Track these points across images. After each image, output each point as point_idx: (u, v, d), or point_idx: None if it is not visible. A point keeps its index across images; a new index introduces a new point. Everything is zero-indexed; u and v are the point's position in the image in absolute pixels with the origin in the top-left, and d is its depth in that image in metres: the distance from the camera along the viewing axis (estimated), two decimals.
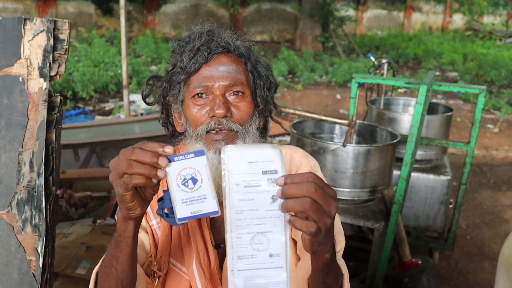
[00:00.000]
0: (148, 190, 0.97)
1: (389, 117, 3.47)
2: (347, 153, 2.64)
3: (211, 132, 1.20)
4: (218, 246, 1.27)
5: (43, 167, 1.47)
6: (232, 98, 1.22)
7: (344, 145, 2.62)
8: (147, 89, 1.35)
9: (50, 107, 1.51)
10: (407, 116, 3.42)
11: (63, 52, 1.53)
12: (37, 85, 1.50)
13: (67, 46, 1.54)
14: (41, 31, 1.51)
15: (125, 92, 5.72)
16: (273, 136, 5.76)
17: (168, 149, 0.90)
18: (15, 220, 1.46)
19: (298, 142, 2.79)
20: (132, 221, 1.01)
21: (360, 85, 3.09)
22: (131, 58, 9.60)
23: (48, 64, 1.50)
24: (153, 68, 9.89)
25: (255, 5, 15.19)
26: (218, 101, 1.19)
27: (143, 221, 1.25)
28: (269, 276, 0.88)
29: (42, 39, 1.51)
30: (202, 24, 1.30)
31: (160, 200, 1.01)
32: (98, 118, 6.75)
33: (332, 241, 0.96)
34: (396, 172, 3.07)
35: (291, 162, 1.34)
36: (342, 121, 2.74)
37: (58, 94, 1.55)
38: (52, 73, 1.52)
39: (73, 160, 4.60)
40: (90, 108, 7.56)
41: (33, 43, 1.51)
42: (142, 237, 1.25)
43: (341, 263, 1.17)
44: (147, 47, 11.07)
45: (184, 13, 14.51)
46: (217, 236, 1.29)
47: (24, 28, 1.51)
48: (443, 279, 3.40)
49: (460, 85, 3.13)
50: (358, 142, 3.06)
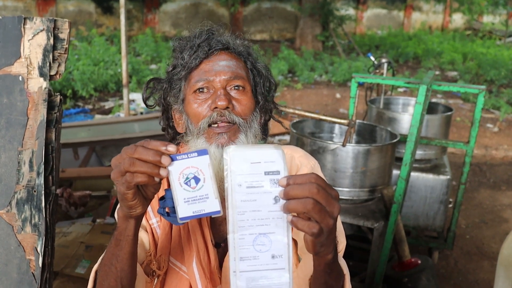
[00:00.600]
0: (150, 189, 0.97)
1: (389, 117, 3.47)
2: (346, 153, 2.65)
3: (213, 125, 1.20)
4: (218, 245, 1.27)
5: (43, 166, 1.47)
6: (233, 93, 1.23)
7: (343, 145, 2.62)
8: (147, 92, 1.35)
9: (50, 106, 1.51)
10: (406, 116, 3.42)
11: (63, 51, 1.53)
12: (37, 84, 1.50)
13: (67, 46, 1.54)
14: (41, 30, 1.51)
15: (125, 91, 5.71)
16: (273, 135, 5.76)
17: (171, 148, 0.90)
18: (15, 219, 1.46)
19: (298, 141, 2.79)
20: (133, 220, 1.01)
21: (360, 85, 3.09)
22: (131, 57, 9.60)
23: (48, 64, 1.50)
24: (153, 67, 9.88)
25: (255, 4, 15.18)
26: (220, 93, 1.19)
27: (143, 220, 1.25)
28: (271, 277, 0.87)
29: (42, 38, 1.51)
30: (202, 25, 1.31)
31: (162, 199, 1.01)
32: (98, 117, 6.75)
33: (334, 242, 0.96)
34: (395, 172, 3.07)
35: (291, 162, 1.34)
36: (342, 121, 2.74)
37: (58, 94, 1.55)
38: (52, 73, 1.52)
39: (73, 159, 4.59)
40: (90, 107, 7.56)
41: (33, 42, 1.51)
42: (142, 236, 1.25)
43: (342, 263, 1.17)
44: (147, 46, 11.07)
45: (184, 11, 14.50)
46: (217, 235, 1.29)
47: (24, 27, 1.51)
48: (442, 278, 3.40)
49: (460, 84, 3.13)
50: (357, 142, 3.06)
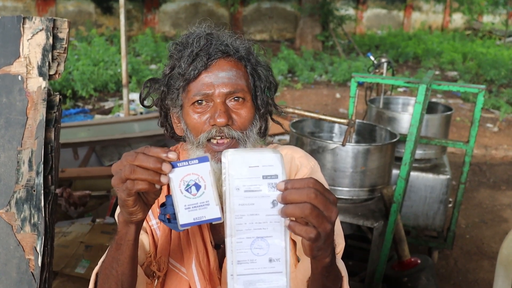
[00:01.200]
0: (150, 195, 0.96)
1: (389, 116, 3.47)
2: (346, 152, 2.64)
3: (211, 141, 1.19)
4: (217, 247, 1.27)
5: (42, 166, 1.47)
6: (232, 104, 1.20)
7: (343, 144, 2.62)
8: (145, 92, 1.32)
9: (49, 106, 1.51)
10: (406, 115, 3.42)
11: (62, 51, 1.53)
12: (36, 84, 1.50)
13: (66, 45, 1.54)
14: (40, 30, 1.51)
15: (124, 91, 5.72)
16: (273, 135, 5.76)
17: (172, 155, 0.89)
18: (14, 219, 1.46)
19: (298, 141, 2.79)
20: (133, 225, 1.01)
21: (360, 84, 3.09)
22: (131, 57, 9.61)
23: (47, 63, 1.50)
24: (152, 67, 9.88)
25: (255, 4, 15.18)
26: (219, 110, 1.17)
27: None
28: (269, 281, 0.87)
29: (41, 38, 1.51)
30: (200, 25, 1.27)
31: (163, 205, 1.01)
32: (98, 117, 6.75)
33: (332, 246, 0.95)
34: (395, 171, 3.07)
35: (291, 162, 1.33)
36: (342, 120, 2.73)
37: (57, 93, 1.55)
38: (51, 72, 1.52)
39: (73, 159, 4.59)
40: (90, 107, 7.56)
41: (32, 42, 1.51)
42: (142, 237, 1.25)
43: (341, 265, 1.16)
44: (147, 46, 11.07)
45: (184, 11, 14.50)
46: (217, 236, 1.29)
47: (23, 27, 1.51)
48: (442, 278, 3.40)
49: (459, 84, 3.13)
50: (357, 141, 3.06)
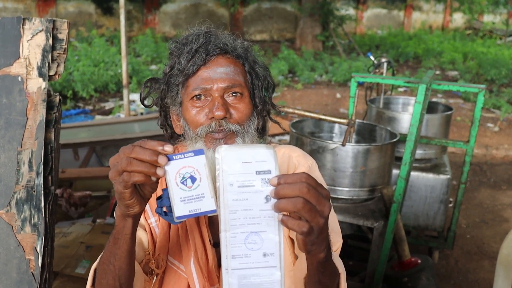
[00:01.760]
0: (147, 188, 0.98)
1: (389, 116, 3.47)
2: (346, 152, 2.65)
3: (211, 132, 1.21)
4: (216, 245, 1.28)
5: (42, 166, 1.47)
6: (230, 99, 1.23)
7: (343, 144, 2.62)
8: (145, 92, 1.36)
9: (49, 106, 1.52)
10: (406, 115, 3.42)
11: (62, 51, 1.54)
12: (36, 84, 1.50)
13: (66, 46, 1.54)
14: (40, 31, 1.51)
15: (125, 91, 5.72)
16: (273, 135, 5.76)
17: (168, 148, 0.91)
18: (14, 219, 1.46)
19: (298, 141, 2.79)
20: (130, 219, 1.02)
21: (360, 84, 3.09)
22: (131, 57, 9.61)
23: (47, 64, 1.50)
24: (153, 67, 9.89)
25: (255, 4, 15.18)
26: (217, 103, 1.19)
27: (141, 219, 1.26)
28: (263, 275, 0.89)
29: (41, 39, 1.51)
30: (199, 25, 1.30)
31: (159, 198, 1.02)
32: (98, 117, 6.76)
33: (327, 241, 0.96)
34: (395, 171, 3.07)
35: (289, 161, 1.34)
36: (341, 120, 2.74)
37: (57, 94, 1.56)
38: (51, 73, 1.52)
39: (73, 159, 4.60)
40: (90, 107, 7.57)
41: (32, 42, 1.51)
42: (141, 235, 1.26)
43: (338, 262, 1.17)
44: (147, 46, 11.07)
45: (184, 12, 14.51)
46: (215, 234, 1.29)
47: (23, 28, 1.51)
48: (442, 278, 3.40)
49: (459, 84, 3.13)
50: (357, 141, 3.06)
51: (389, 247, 2.83)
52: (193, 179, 0.93)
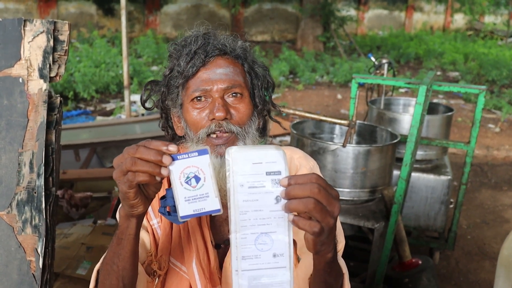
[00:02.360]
0: (151, 188, 0.98)
1: (389, 117, 3.47)
2: (347, 153, 2.65)
3: (211, 136, 1.21)
4: (218, 246, 1.28)
5: (43, 168, 1.48)
6: (230, 100, 1.23)
7: (344, 146, 2.63)
8: (146, 94, 1.36)
9: (50, 108, 1.52)
10: (407, 116, 3.42)
11: (63, 53, 1.54)
12: (37, 86, 1.50)
13: (67, 47, 1.54)
14: (41, 32, 1.51)
15: (126, 92, 5.73)
16: (274, 136, 5.76)
17: (172, 148, 0.92)
18: (15, 220, 1.47)
19: (298, 142, 2.79)
20: (134, 219, 1.03)
21: (361, 85, 3.09)
22: (132, 58, 9.61)
23: (48, 65, 1.51)
24: (154, 68, 9.89)
25: (256, 5, 15.18)
26: (217, 104, 1.20)
27: (144, 220, 1.26)
28: (273, 276, 0.89)
29: (42, 40, 1.51)
30: (198, 27, 1.30)
31: (163, 198, 1.03)
32: (99, 118, 6.76)
33: (334, 241, 0.97)
34: (396, 172, 3.07)
35: (290, 163, 1.34)
36: (342, 122, 2.74)
37: (58, 95, 1.56)
38: (52, 74, 1.52)
39: (74, 160, 4.60)
40: (91, 108, 7.57)
41: (33, 44, 1.51)
42: (143, 236, 1.26)
43: (342, 262, 1.18)
44: (148, 47, 11.07)
45: (185, 13, 14.51)
46: (217, 236, 1.30)
47: (24, 29, 1.51)
48: (443, 279, 3.40)
49: (460, 85, 3.13)
50: (358, 142, 3.06)
51: (390, 248, 2.83)
52: (197, 179, 0.93)
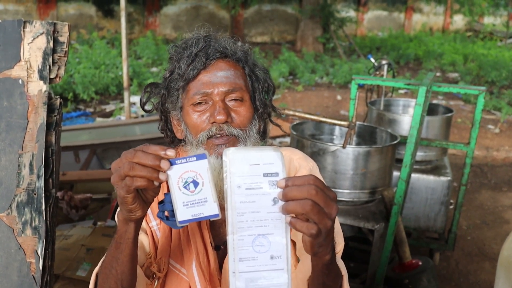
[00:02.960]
0: (149, 193, 0.98)
1: (389, 118, 3.47)
2: (347, 155, 2.65)
3: (212, 137, 1.21)
4: (217, 248, 1.28)
5: (43, 169, 1.48)
6: (231, 104, 1.22)
7: (344, 147, 2.63)
8: (145, 96, 1.35)
9: (50, 109, 1.52)
10: (407, 117, 3.42)
11: (62, 54, 1.54)
12: (37, 87, 1.50)
13: (66, 49, 1.54)
14: (41, 34, 1.51)
15: (125, 94, 5.73)
16: (274, 138, 5.76)
17: (170, 152, 0.91)
18: (15, 222, 1.46)
19: (298, 143, 2.79)
20: (132, 223, 1.02)
21: (360, 86, 3.09)
22: (132, 59, 9.61)
23: (47, 67, 1.51)
24: (154, 69, 9.89)
25: (255, 7, 15.18)
26: (218, 107, 1.19)
27: (143, 223, 1.25)
28: (270, 278, 0.88)
29: (42, 42, 1.51)
30: (198, 29, 1.30)
31: (161, 203, 1.02)
32: (99, 120, 6.76)
33: (332, 243, 0.97)
34: (396, 173, 3.07)
35: (290, 164, 1.34)
36: (342, 123, 2.74)
37: (57, 97, 1.56)
38: (52, 76, 1.52)
39: (74, 162, 4.60)
40: (91, 110, 7.57)
41: (33, 45, 1.51)
42: (142, 238, 1.26)
43: (341, 264, 1.17)
44: (148, 48, 11.07)
45: (185, 14, 14.52)
46: (217, 237, 1.29)
47: (24, 31, 1.51)
48: (443, 279, 3.39)
49: (460, 86, 3.14)
50: (358, 144, 3.06)
51: (390, 249, 2.83)
52: (195, 184, 0.93)
